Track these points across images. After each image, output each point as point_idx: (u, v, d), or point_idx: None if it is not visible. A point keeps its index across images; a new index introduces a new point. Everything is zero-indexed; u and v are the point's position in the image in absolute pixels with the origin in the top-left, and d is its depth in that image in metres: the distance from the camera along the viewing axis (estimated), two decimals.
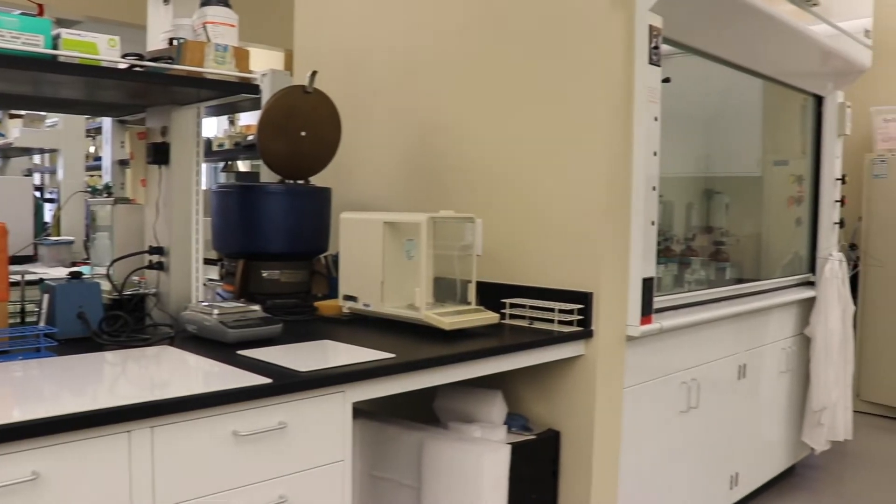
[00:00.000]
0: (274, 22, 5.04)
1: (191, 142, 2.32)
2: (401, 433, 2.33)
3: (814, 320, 3.74)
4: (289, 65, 5.30)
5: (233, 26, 2.11)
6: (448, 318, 2.24)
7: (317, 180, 2.77)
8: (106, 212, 2.47)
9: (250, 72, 2.12)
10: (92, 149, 5.08)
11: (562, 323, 2.39)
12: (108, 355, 1.90)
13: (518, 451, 2.24)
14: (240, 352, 1.92)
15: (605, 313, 2.43)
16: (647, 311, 2.55)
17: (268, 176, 2.91)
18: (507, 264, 2.62)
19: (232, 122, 4.95)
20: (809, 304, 3.80)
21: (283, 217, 2.59)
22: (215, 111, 4.14)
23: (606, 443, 2.47)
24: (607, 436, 2.47)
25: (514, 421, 2.46)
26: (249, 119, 4.70)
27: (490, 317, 2.34)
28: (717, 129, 3.84)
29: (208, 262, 2.51)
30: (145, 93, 2.15)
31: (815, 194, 3.96)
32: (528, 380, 2.54)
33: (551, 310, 2.40)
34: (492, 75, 2.66)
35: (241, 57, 2.10)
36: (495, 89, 2.65)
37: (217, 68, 2.04)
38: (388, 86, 3.03)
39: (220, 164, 4.67)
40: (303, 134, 2.68)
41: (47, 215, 3.69)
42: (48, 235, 3.32)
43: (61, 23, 2.20)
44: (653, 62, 2.48)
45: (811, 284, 3.90)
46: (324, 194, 2.74)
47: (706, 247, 3.59)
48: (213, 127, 5.10)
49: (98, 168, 4.08)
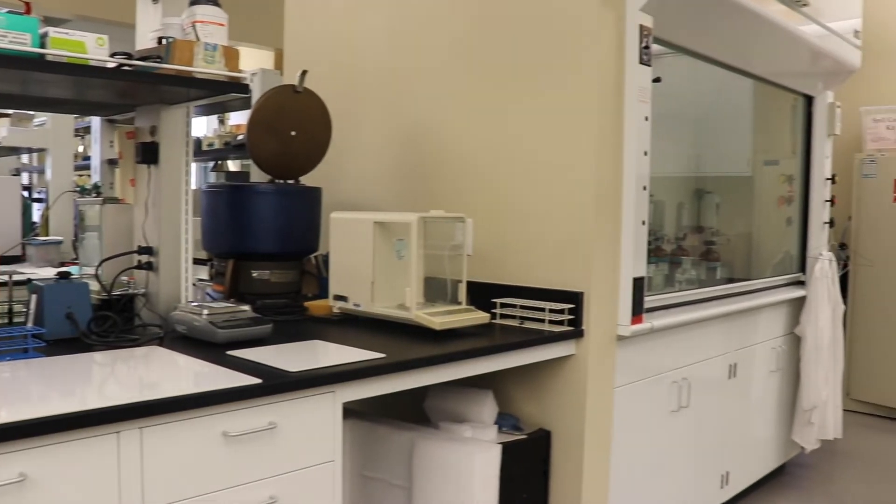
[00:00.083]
0: (264, 21, 5.03)
1: (180, 141, 2.31)
2: (391, 433, 2.33)
3: (804, 319, 3.75)
4: (279, 64, 5.28)
5: (222, 25, 2.09)
6: (438, 317, 2.23)
7: (307, 180, 2.76)
8: (95, 212, 2.46)
9: (240, 71, 2.11)
10: (81, 148, 5.05)
11: (552, 323, 2.39)
12: (97, 356, 1.89)
13: (509, 450, 2.24)
14: (229, 352, 1.92)
15: (595, 313, 2.43)
16: (638, 310, 2.55)
17: (258, 175, 2.90)
18: (497, 264, 2.62)
19: (222, 122, 4.94)
20: (799, 303, 3.81)
21: (273, 217, 2.59)
22: (205, 110, 4.14)
23: (597, 442, 2.47)
24: (598, 435, 2.48)
25: (505, 421, 2.46)
26: (239, 118, 4.69)
27: (480, 317, 2.34)
28: (708, 129, 3.85)
29: (198, 262, 2.50)
30: (134, 92, 2.14)
31: (805, 194, 3.98)
32: (518, 379, 2.54)
33: (542, 309, 2.40)
34: (482, 75, 2.66)
35: (231, 56, 2.08)
36: (486, 89, 2.65)
37: (206, 67, 2.03)
38: (379, 86, 3.02)
39: (210, 163, 4.66)
40: (293, 133, 2.67)
41: (35, 215, 3.68)
42: (36, 235, 3.30)
43: (49, 21, 2.18)
44: (643, 62, 2.48)
45: (801, 284, 3.91)
46: (314, 194, 2.74)
47: (697, 246, 3.60)
48: (203, 126, 5.09)
49: (87, 167, 4.06)
